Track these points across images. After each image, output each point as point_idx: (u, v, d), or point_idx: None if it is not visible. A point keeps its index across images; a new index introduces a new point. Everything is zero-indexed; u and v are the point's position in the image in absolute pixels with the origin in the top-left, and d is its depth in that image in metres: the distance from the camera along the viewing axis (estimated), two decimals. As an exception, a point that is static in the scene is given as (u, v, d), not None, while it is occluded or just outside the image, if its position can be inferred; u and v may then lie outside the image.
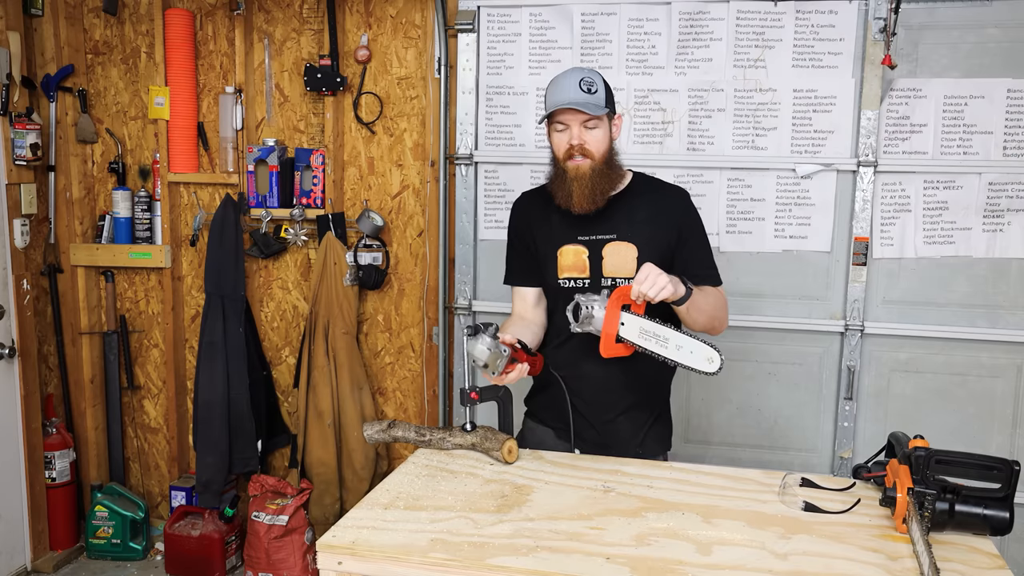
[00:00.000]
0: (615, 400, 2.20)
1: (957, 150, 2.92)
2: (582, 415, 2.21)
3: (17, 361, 3.45)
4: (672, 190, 2.27)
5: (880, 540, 1.64)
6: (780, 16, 2.97)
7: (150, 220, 3.67)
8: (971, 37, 2.86)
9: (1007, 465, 1.63)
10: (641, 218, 2.17)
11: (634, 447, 2.21)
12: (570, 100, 2.06)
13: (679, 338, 1.94)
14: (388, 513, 1.73)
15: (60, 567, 3.63)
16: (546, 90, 2.16)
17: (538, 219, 2.25)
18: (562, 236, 2.19)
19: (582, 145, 2.08)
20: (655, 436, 2.27)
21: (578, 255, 2.18)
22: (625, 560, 1.53)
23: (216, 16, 3.54)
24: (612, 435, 2.21)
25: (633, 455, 2.16)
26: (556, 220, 2.20)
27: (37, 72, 3.55)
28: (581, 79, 2.09)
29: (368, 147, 3.50)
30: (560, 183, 2.14)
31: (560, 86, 2.10)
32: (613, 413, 2.21)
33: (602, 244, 2.17)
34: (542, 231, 2.24)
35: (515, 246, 2.32)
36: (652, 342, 1.96)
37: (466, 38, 3.18)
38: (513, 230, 2.33)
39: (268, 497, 3.44)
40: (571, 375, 2.20)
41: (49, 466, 3.62)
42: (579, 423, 2.21)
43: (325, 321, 3.44)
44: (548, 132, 2.17)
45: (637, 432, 2.23)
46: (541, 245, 2.24)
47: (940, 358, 2.98)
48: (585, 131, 2.09)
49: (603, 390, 2.20)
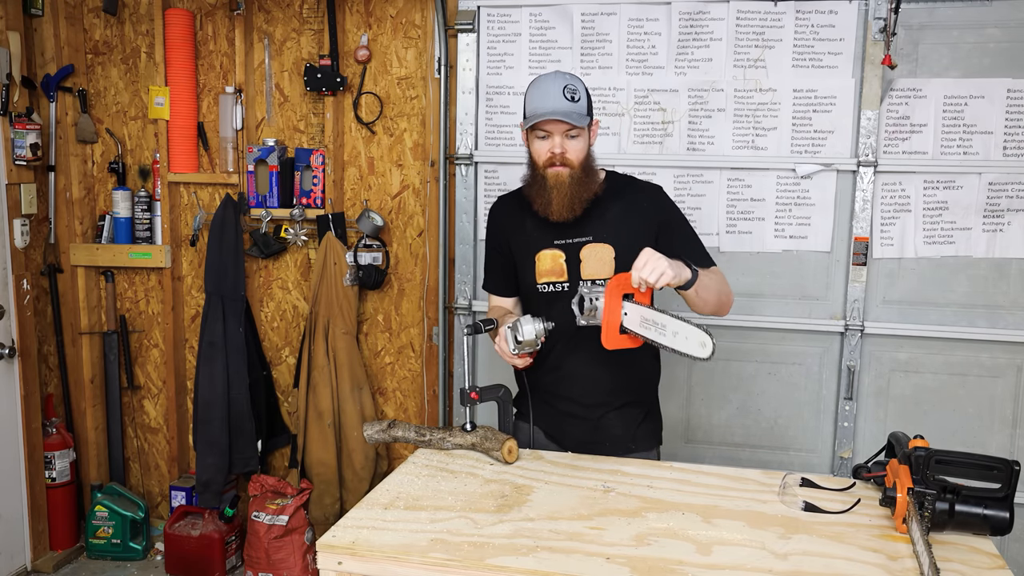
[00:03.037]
0: (606, 398, 2.20)
1: (957, 150, 2.92)
2: (573, 415, 2.21)
3: (17, 361, 3.45)
4: (645, 187, 2.27)
5: (880, 540, 1.64)
6: (780, 16, 2.97)
7: (150, 220, 3.67)
8: (971, 37, 2.86)
9: (1007, 465, 1.63)
10: (615, 218, 2.17)
11: (627, 443, 2.21)
12: (555, 109, 2.05)
13: (674, 324, 1.88)
14: (388, 513, 1.73)
15: (60, 567, 3.63)
16: (527, 92, 2.15)
17: (513, 225, 2.26)
18: (538, 241, 2.19)
19: (563, 154, 2.08)
20: (646, 431, 2.27)
21: (555, 259, 2.18)
22: (625, 560, 1.53)
23: (216, 16, 3.54)
24: (604, 432, 2.21)
25: (625, 451, 2.16)
26: (531, 225, 2.20)
27: (37, 72, 3.55)
28: (565, 86, 2.07)
29: (368, 147, 3.50)
30: (539, 190, 2.14)
31: (544, 92, 2.08)
32: (604, 410, 2.21)
33: (579, 247, 2.16)
34: (517, 236, 2.24)
35: (491, 254, 2.34)
36: (652, 330, 1.92)
37: (466, 38, 3.18)
38: (490, 236, 2.34)
39: (268, 497, 3.44)
40: (559, 376, 2.20)
41: (49, 466, 3.62)
42: (570, 423, 2.21)
43: (325, 321, 3.44)
44: (526, 136, 2.16)
45: (629, 428, 2.23)
46: (517, 250, 2.24)
47: (940, 358, 2.98)
48: (567, 140, 2.09)
49: (593, 389, 2.19)
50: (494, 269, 2.34)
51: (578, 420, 2.21)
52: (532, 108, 2.10)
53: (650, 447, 2.27)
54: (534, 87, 2.13)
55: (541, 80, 2.13)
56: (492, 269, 2.35)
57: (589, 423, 2.21)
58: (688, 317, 1.88)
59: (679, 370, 3.16)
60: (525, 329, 1.96)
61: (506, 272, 2.30)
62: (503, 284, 2.32)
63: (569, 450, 2.16)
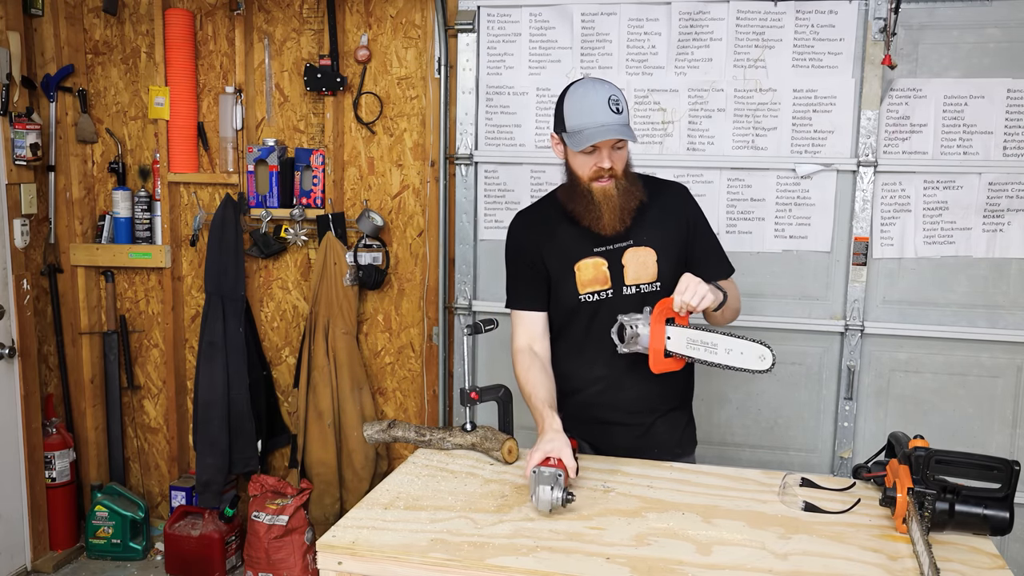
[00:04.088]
0: (654, 405, 2.19)
1: (957, 150, 2.92)
2: (619, 423, 2.19)
3: (17, 361, 3.45)
4: (673, 187, 2.27)
5: (880, 540, 1.64)
6: (780, 16, 2.97)
7: (150, 220, 3.67)
8: (971, 37, 2.86)
9: (1007, 465, 1.63)
10: (652, 220, 2.13)
11: (673, 448, 2.21)
12: (606, 124, 1.96)
13: (727, 341, 1.89)
14: (388, 513, 1.73)
15: (60, 567, 3.63)
16: (566, 102, 2.03)
17: (544, 237, 2.16)
18: (578, 251, 2.12)
19: (612, 168, 2.01)
20: (689, 436, 2.28)
21: (598, 267, 2.11)
22: (625, 560, 1.53)
23: (216, 16, 3.54)
24: (653, 439, 2.19)
25: (672, 457, 2.15)
26: (566, 236, 2.13)
27: (37, 72, 3.55)
28: (610, 96, 1.98)
29: (368, 147, 3.50)
30: (586, 204, 2.06)
31: (591, 104, 1.98)
32: (653, 417, 2.19)
33: (621, 252, 2.11)
34: (552, 249, 2.15)
35: (520, 269, 2.21)
36: (700, 350, 1.93)
37: (466, 38, 3.18)
38: (516, 252, 2.21)
39: (268, 497, 3.44)
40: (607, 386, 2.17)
41: (49, 466, 3.62)
42: (616, 432, 2.19)
43: (325, 321, 3.44)
44: (563, 147, 2.07)
45: (675, 433, 2.23)
46: (553, 264, 2.15)
47: (940, 358, 2.98)
48: (614, 152, 2.01)
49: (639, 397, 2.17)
50: (522, 285, 2.20)
51: (625, 428, 2.18)
52: (580, 123, 1.99)
53: (691, 452, 2.28)
54: (577, 98, 2.02)
55: (583, 90, 2.02)
56: (519, 285, 2.21)
57: (638, 430, 2.19)
58: (737, 332, 1.90)
59: (679, 370, 3.16)
60: (542, 500, 1.75)
61: (537, 286, 2.18)
62: (535, 298, 2.19)
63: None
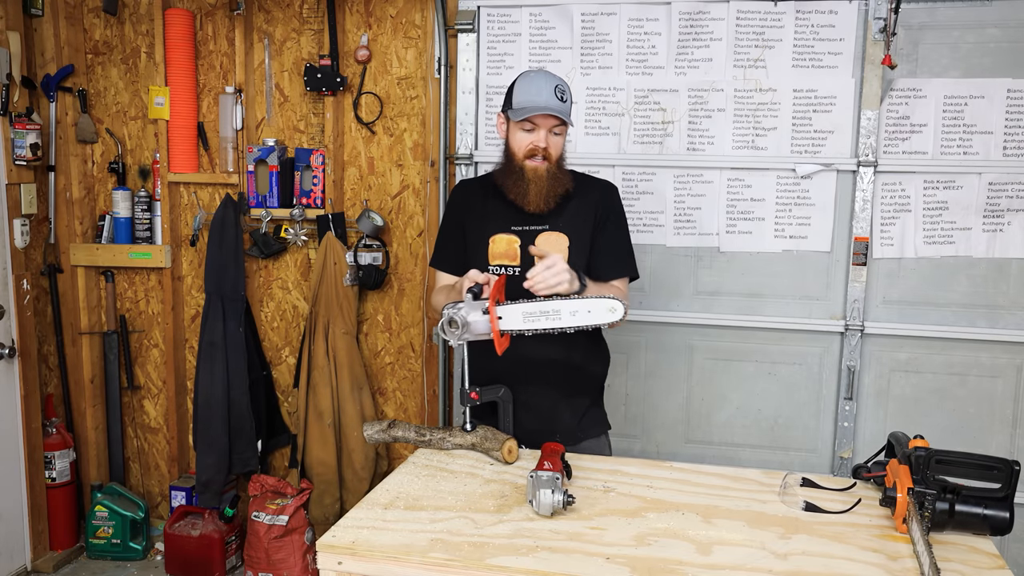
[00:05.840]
0: (554, 389, 2.26)
1: (957, 150, 2.92)
2: (524, 404, 2.21)
3: (17, 361, 3.45)
4: (601, 184, 2.38)
5: (880, 540, 1.64)
6: (780, 16, 2.97)
7: (150, 220, 3.67)
8: (971, 37, 2.86)
9: (1007, 465, 1.63)
10: (572, 210, 2.26)
11: (575, 431, 2.29)
12: (548, 105, 2.14)
13: (570, 304, 1.95)
14: (388, 513, 1.73)
15: (60, 567, 3.63)
16: (515, 85, 2.22)
17: (474, 207, 2.34)
18: (496, 225, 2.27)
19: (547, 148, 2.18)
20: (592, 419, 2.35)
21: (510, 243, 2.26)
22: (625, 560, 1.53)
23: (216, 16, 3.54)
24: (555, 423, 2.26)
25: (574, 438, 2.25)
26: (491, 209, 2.28)
27: (37, 72, 3.55)
28: (556, 85, 2.17)
29: (368, 147, 3.50)
30: (516, 180, 2.21)
31: (537, 87, 2.17)
32: (552, 400, 2.27)
33: (534, 234, 2.25)
34: (475, 218, 2.32)
35: (448, 229, 2.40)
36: (543, 320, 1.97)
37: (466, 38, 3.18)
38: (449, 215, 2.42)
39: (268, 497, 3.44)
40: (512, 368, 2.21)
41: (49, 466, 3.62)
42: (522, 415, 2.21)
43: (325, 321, 3.44)
44: (507, 126, 2.23)
45: (576, 416, 2.31)
46: (472, 232, 2.31)
47: (940, 358, 2.98)
48: (551, 135, 2.19)
49: (542, 380, 2.24)
50: (447, 246, 2.39)
51: (532, 414, 2.23)
52: (524, 100, 2.18)
53: (599, 434, 2.36)
54: (525, 81, 2.21)
55: (532, 76, 2.22)
56: (445, 246, 2.40)
57: (542, 414, 2.25)
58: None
59: (679, 370, 3.16)
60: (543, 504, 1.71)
61: (458, 250, 2.35)
62: (454, 262, 2.35)
63: (523, 445, 2.13)
